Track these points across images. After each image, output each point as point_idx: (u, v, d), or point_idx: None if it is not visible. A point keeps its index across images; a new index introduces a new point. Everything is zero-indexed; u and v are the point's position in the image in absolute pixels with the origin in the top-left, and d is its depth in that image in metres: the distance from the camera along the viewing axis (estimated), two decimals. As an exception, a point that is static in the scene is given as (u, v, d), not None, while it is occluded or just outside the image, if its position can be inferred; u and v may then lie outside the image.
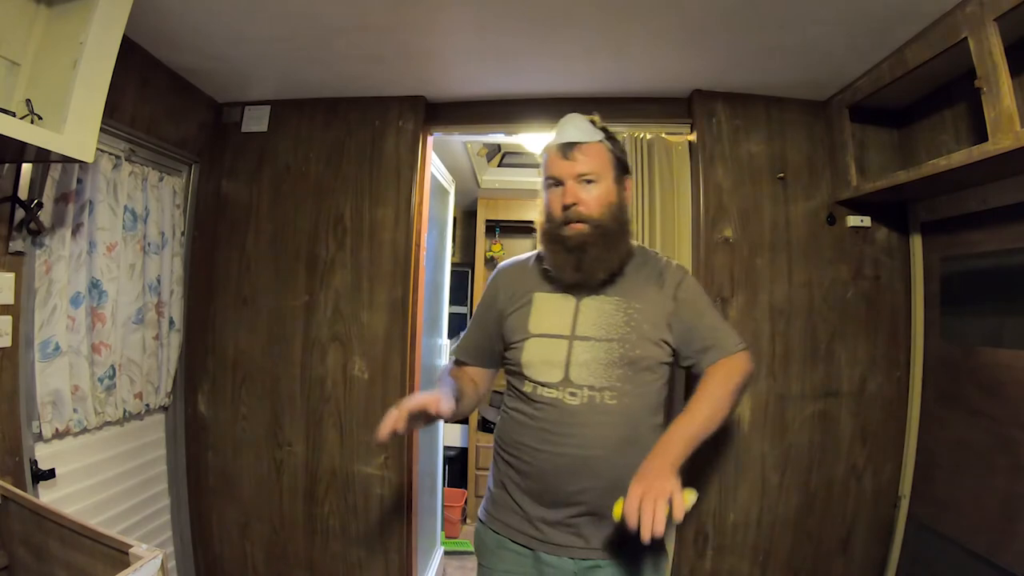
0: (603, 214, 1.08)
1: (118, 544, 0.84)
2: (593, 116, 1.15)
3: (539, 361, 1.10)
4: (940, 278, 1.63)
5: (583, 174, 1.08)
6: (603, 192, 1.09)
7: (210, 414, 1.89)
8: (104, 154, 1.46)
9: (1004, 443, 1.34)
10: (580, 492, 1.05)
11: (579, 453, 1.05)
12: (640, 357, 1.07)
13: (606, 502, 0.98)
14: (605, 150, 1.12)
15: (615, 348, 1.07)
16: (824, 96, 1.73)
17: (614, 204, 1.10)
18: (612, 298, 1.11)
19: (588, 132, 1.11)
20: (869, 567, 1.71)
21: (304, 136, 1.90)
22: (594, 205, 1.08)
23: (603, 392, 1.06)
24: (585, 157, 1.09)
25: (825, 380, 1.71)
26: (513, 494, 1.12)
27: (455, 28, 1.44)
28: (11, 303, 1.22)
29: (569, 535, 1.07)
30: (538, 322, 1.13)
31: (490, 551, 1.15)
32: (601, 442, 1.05)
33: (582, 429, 1.05)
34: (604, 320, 1.09)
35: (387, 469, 1.80)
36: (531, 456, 1.08)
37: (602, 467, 1.04)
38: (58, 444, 1.38)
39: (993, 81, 1.10)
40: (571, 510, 1.06)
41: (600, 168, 1.10)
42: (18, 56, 1.07)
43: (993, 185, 1.38)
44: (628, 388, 1.07)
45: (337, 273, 1.85)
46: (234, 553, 1.88)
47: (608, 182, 1.10)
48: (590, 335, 1.08)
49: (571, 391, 1.07)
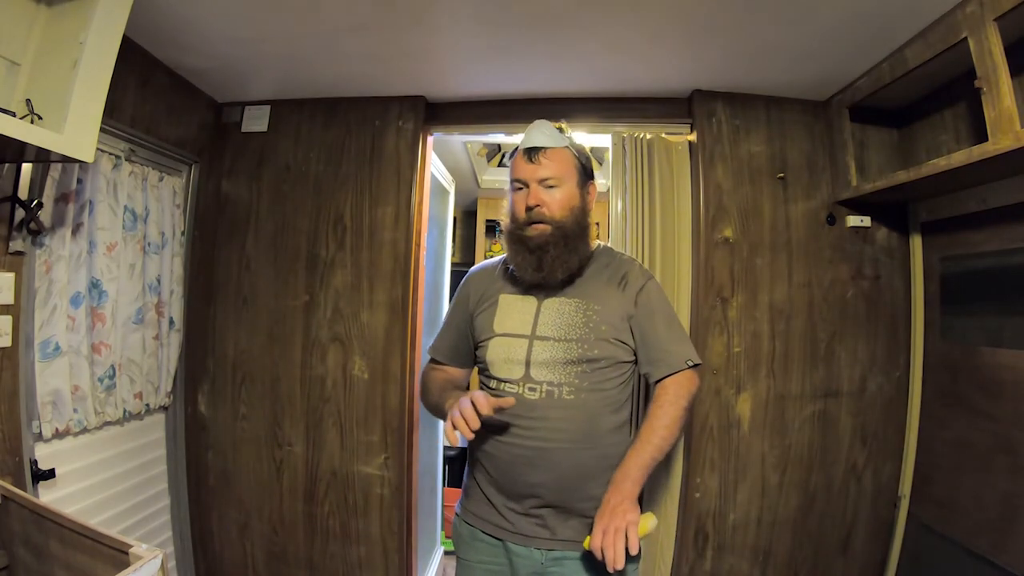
0: (564, 216, 1.13)
1: (118, 544, 0.84)
2: (560, 124, 1.20)
3: (502, 359, 1.15)
4: (940, 278, 1.63)
5: (546, 178, 1.13)
6: (565, 196, 1.14)
7: (210, 414, 1.89)
8: (104, 154, 1.46)
9: (1004, 443, 1.34)
10: (539, 484, 1.09)
11: (537, 445, 1.09)
12: (598, 357, 1.11)
13: (565, 495, 1.09)
14: (569, 156, 1.16)
15: (573, 348, 1.11)
16: (824, 96, 1.73)
17: (576, 207, 1.15)
18: (572, 299, 1.15)
19: (553, 138, 1.15)
20: (869, 567, 1.71)
21: (304, 136, 1.90)
22: (556, 207, 1.13)
23: (561, 388, 1.10)
24: (549, 161, 1.13)
25: (825, 380, 1.71)
26: (483, 486, 1.18)
27: (455, 28, 1.44)
28: (11, 303, 1.22)
29: (535, 526, 1.11)
30: (502, 321, 1.18)
31: (465, 543, 1.20)
32: (558, 435, 1.09)
33: (540, 422, 1.09)
34: (563, 320, 1.13)
35: (387, 469, 1.80)
36: (495, 448, 1.13)
37: (559, 459, 1.08)
38: (58, 444, 1.38)
39: (993, 81, 1.10)
40: (532, 501, 1.11)
41: (563, 173, 1.14)
42: (18, 56, 1.07)
43: (993, 185, 1.38)
44: (585, 385, 1.11)
45: (337, 273, 1.85)
46: (234, 553, 1.88)
47: (571, 186, 1.15)
48: (549, 335, 1.12)
49: (530, 386, 1.11)
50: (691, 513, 1.69)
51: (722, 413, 1.69)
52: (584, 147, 1.21)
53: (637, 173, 1.78)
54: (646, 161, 1.79)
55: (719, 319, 1.70)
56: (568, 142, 1.17)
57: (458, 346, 1.29)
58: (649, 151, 1.79)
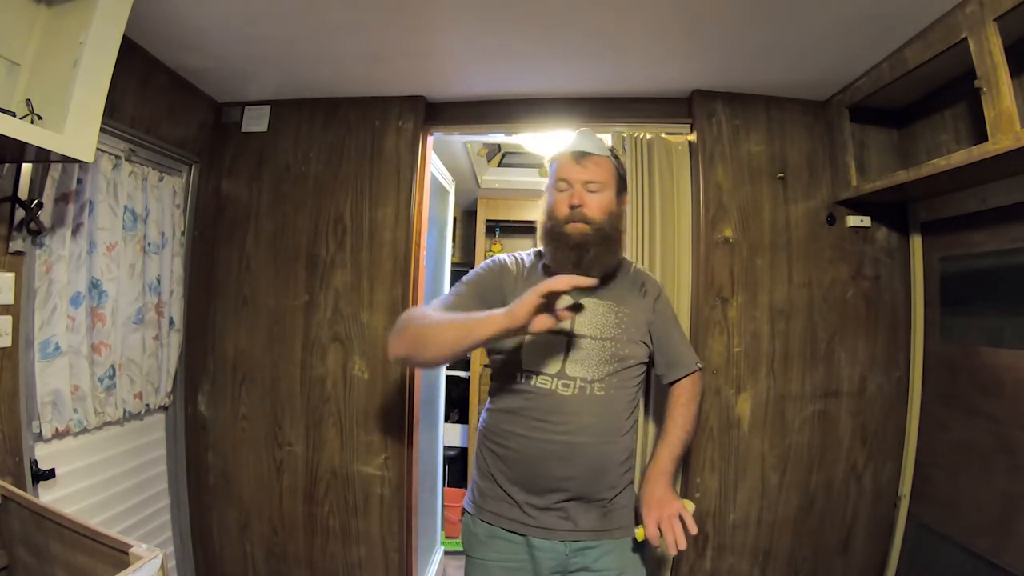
0: (604, 219, 1.19)
1: (118, 544, 0.84)
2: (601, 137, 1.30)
3: (539, 353, 1.18)
4: (940, 278, 1.63)
5: (591, 181, 1.19)
6: (606, 200, 1.21)
7: (210, 414, 1.89)
8: (104, 154, 1.46)
9: (1004, 443, 1.34)
10: (567, 478, 1.13)
11: (568, 439, 1.13)
12: (628, 356, 1.19)
13: (590, 487, 1.15)
14: (611, 165, 1.25)
15: (608, 346, 1.18)
16: (824, 96, 1.73)
17: (613, 213, 1.22)
18: (605, 301, 1.22)
19: (599, 147, 1.25)
20: (869, 567, 1.71)
21: (304, 136, 1.90)
22: (597, 210, 1.18)
23: (593, 384, 1.16)
24: (595, 167, 1.21)
25: (825, 380, 1.71)
26: (502, 483, 1.19)
27: (455, 28, 1.44)
28: (11, 303, 1.22)
29: (558, 519, 1.15)
30: None
31: (481, 542, 1.21)
32: (588, 429, 1.14)
33: (572, 417, 1.14)
34: (599, 320, 1.20)
35: (387, 469, 1.80)
36: (519, 444, 1.16)
37: (588, 453, 1.14)
38: (58, 444, 1.38)
39: (993, 81, 1.10)
40: (558, 495, 1.14)
41: (605, 179, 1.21)
42: (18, 56, 1.07)
43: (993, 185, 1.38)
44: (614, 382, 1.18)
45: (337, 273, 1.85)
46: (234, 553, 1.88)
47: (611, 193, 1.22)
48: (586, 333, 1.19)
49: (564, 382, 1.16)
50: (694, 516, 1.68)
51: (722, 413, 1.69)
52: (622, 160, 1.32)
53: (637, 173, 1.78)
54: (646, 161, 1.79)
55: (719, 319, 1.70)
56: (610, 153, 1.26)
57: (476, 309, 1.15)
58: (649, 151, 1.79)
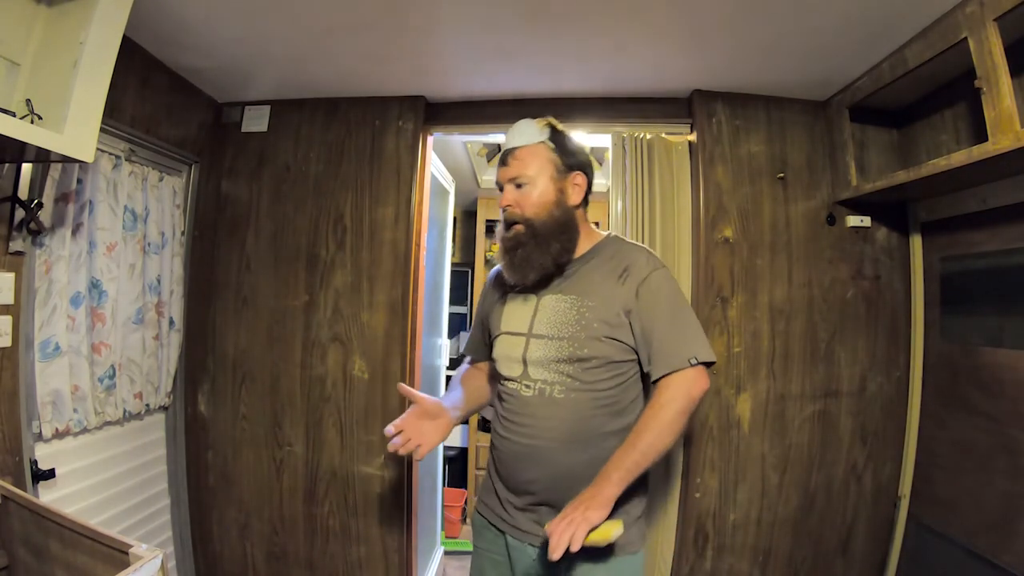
0: (537, 213, 1.11)
1: (118, 544, 0.84)
2: (548, 119, 1.18)
3: (504, 356, 1.16)
4: (940, 278, 1.63)
5: (514, 177, 1.13)
6: (537, 192, 1.12)
7: (210, 414, 1.89)
8: (104, 154, 1.46)
9: (1004, 443, 1.34)
10: (531, 481, 1.10)
11: (529, 443, 1.10)
12: (588, 356, 1.07)
13: (558, 494, 1.04)
14: (542, 150, 1.14)
15: (564, 346, 1.08)
16: (824, 96, 1.73)
17: (550, 202, 1.12)
18: (567, 296, 1.12)
19: (526, 135, 1.15)
20: (869, 567, 1.71)
21: (304, 136, 1.90)
22: (527, 205, 1.12)
23: (552, 386, 1.09)
24: (517, 161, 1.13)
25: (825, 380, 1.71)
26: (492, 478, 1.21)
27: (455, 28, 1.44)
28: (11, 303, 1.22)
29: (531, 522, 1.10)
30: (507, 320, 1.19)
31: (478, 531, 1.23)
32: (548, 433, 1.08)
33: (532, 420, 1.10)
34: (557, 318, 1.11)
35: (387, 469, 1.80)
36: (499, 443, 1.16)
37: (550, 458, 1.07)
38: (58, 444, 1.38)
39: (993, 81, 1.10)
40: (528, 497, 1.11)
41: (532, 169, 1.12)
42: (18, 56, 1.07)
43: (993, 185, 1.38)
44: (577, 384, 1.08)
45: (337, 273, 1.85)
46: (234, 553, 1.88)
47: (544, 182, 1.12)
48: (543, 333, 1.11)
49: (526, 384, 1.12)
50: (691, 513, 1.68)
51: (722, 413, 1.69)
52: (567, 137, 1.18)
53: (637, 173, 1.78)
54: (646, 161, 1.79)
55: (719, 319, 1.70)
56: (543, 136, 1.14)
57: (481, 340, 1.33)
58: (649, 151, 1.79)
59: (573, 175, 1.15)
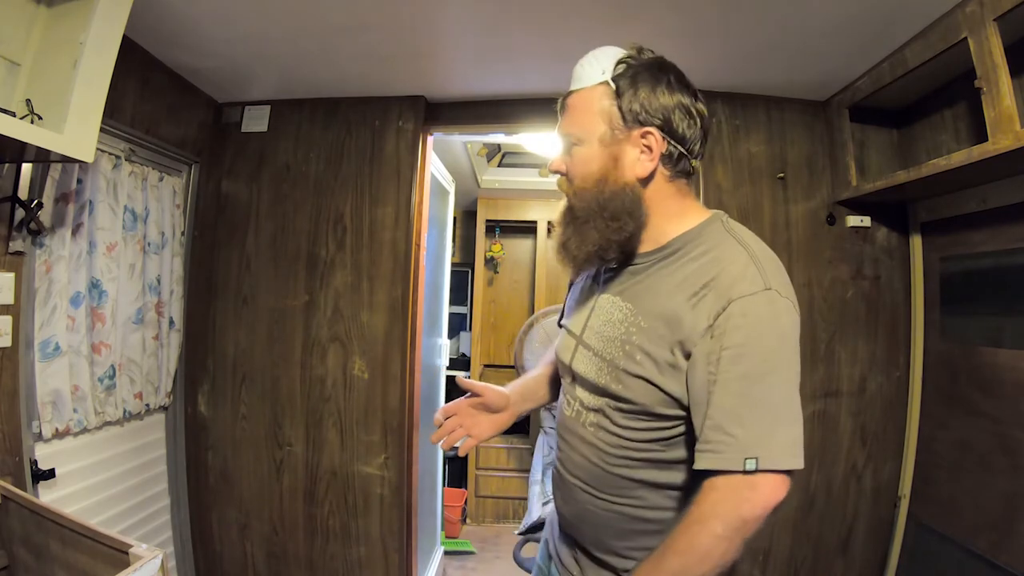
0: (583, 185, 0.80)
1: (118, 544, 0.84)
2: (635, 45, 0.82)
3: (559, 357, 0.93)
4: (940, 278, 1.63)
5: (568, 134, 0.83)
6: (584, 158, 0.80)
7: (210, 414, 1.89)
8: (104, 154, 1.46)
9: (1004, 443, 1.34)
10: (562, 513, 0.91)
11: (559, 469, 0.88)
12: (622, 396, 0.76)
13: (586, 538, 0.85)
14: (598, 97, 0.79)
15: (604, 371, 0.79)
16: (824, 96, 1.73)
17: (593, 175, 0.79)
18: (624, 303, 0.80)
19: (585, 75, 0.82)
20: (869, 567, 1.71)
21: (304, 136, 1.90)
22: (574, 174, 0.82)
23: (589, 413, 0.82)
24: (567, 113, 0.84)
25: (825, 380, 1.71)
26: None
27: (455, 28, 1.44)
28: (11, 303, 1.22)
29: (571, 559, 0.88)
30: (570, 311, 0.96)
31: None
32: (573, 469, 0.85)
33: (565, 445, 0.87)
34: (607, 331, 0.81)
35: (387, 469, 1.80)
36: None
37: (572, 495, 0.85)
38: (58, 444, 1.38)
39: (993, 81, 1.10)
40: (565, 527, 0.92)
41: (581, 126, 0.80)
42: (18, 56, 1.07)
43: (993, 185, 1.38)
44: (607, 424, 0.79)
45: (337, 273, 1.85)
46: (234, 553, 1.88)
47: (592, 143, 0.79)
48: (591, 343, 0.83)
49: (570, 398, 0.87)
50: None
51: (722, 413, 1.69)
52: (649, 73, 0.78)
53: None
54: (646, 161, 1.78)
55: (719, 319, 1.70)
56: (606, 74, 0.79)
57: None
58: (649, 151, 1.79)
59: (637, 132, 0.77)
